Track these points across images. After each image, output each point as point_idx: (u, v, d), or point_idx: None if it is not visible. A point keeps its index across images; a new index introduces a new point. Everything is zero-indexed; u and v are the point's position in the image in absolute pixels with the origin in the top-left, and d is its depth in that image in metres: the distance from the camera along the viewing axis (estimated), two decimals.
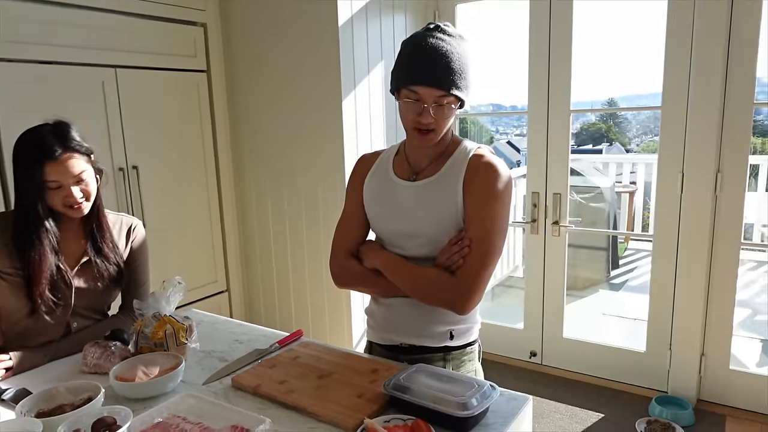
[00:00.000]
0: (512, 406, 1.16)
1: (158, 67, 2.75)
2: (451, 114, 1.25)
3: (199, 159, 3.03)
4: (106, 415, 1.01)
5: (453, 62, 1.19)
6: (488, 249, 1.25)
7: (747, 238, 4.80)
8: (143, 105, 2.70)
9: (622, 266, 5.15)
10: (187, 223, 2.99)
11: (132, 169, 2.68)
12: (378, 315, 1.42)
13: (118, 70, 2.58)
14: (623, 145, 10.35)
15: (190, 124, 2.95)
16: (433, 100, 1.21)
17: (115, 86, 2.57)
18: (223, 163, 3.15)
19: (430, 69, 1.19)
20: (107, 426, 0.98)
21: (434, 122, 1.22)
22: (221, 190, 3.16)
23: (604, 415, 2.78)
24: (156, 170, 2.79)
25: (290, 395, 1.19)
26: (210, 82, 3.03)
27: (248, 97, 3.08)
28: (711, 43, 2.49)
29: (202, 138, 3.02)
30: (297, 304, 3.16)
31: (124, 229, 1.65)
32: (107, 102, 2.55)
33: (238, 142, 3.18)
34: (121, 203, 2.65)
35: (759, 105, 2.52)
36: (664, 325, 2.88)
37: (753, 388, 2.72)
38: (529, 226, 3.18)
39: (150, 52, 2.70)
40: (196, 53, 2.93)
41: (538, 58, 2.97)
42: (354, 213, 1.43)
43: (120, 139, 2.62)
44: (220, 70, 3.07)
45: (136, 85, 2.66)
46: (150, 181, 2.77)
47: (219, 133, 3.10)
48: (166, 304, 1.42)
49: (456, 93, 1.21)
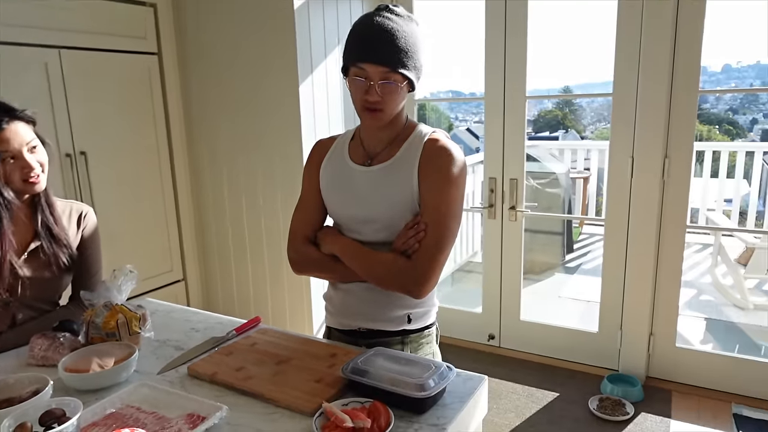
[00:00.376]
0: (468, 386, 1.18)
1: (106, 48, 2.65)
2: (399, 93, 1.24)
3: (152, 144, 2.94)
4: (54, 407, 0.98)
5: (399, 40, 1.20)
6: (443, 233, 1.26)
7: (693, 221, 5.02)
8: (91, 88, 2.60)
9: (577, 250, 5.30)
10: (141, 211, 2.91)
11: (80, 155, 2.58)
12: (336, 300, 1.43)
13: (63, 51, 2.47)
14: (578, 132, 10.61)
15: (142, 108, 2.86)
16: (379, 77, 1.21)
17: (59, 68, 2.47)
18: (177, 150, 3.07)
19: (377, 46, 1.19)
20: (56, 418, 0.96)
21: (381, 101, 1.22)
22: (176, 177, 3.08)
23: (559, 394, 2.87)
24: (106, 156, 2.70)
25: (248, 382, 1.18)
26: (162, 66, 2.94)
27: (202, 81, 3.00)
28: (659, 32, 2.57)
29: (154, 123, 2.94)
30: (256, 292, 3.13)
31: (74, 217, 1.59)
32: (51, 85, 2.45)
33: (192, 127, 3.11)
34: (69, 190, 2.55)
35: (704, 92, 2.62)
36: (615, 307, 2.99)
37: (697, 364, 2.86)
38: (486, 211, 3.23)
39: (97, 32, 2.60)
40: (146, 35, 2.84)
41: (494, 45, 3.00)
42: (311, 198, 1.42)
43: (66, 124, 2.52)
44: (172, 52, 2.98)
45: (82, 67, 2.56)
46: (100, 167, 2.67)
47: (172, 117, 3.02)
48: (118, 293, 1.39)
49: (402, 71, 1.21)
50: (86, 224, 1.61)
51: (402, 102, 1.28)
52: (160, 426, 1.03)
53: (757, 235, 4.32)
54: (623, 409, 2.67)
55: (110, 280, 1.40)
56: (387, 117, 1.27)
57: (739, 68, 10.74)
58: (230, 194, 3.08)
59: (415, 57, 1.23)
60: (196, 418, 1.05)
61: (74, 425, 0.94)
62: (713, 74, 6.13)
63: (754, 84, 9.78)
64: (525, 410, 2.74)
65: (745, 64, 11.14)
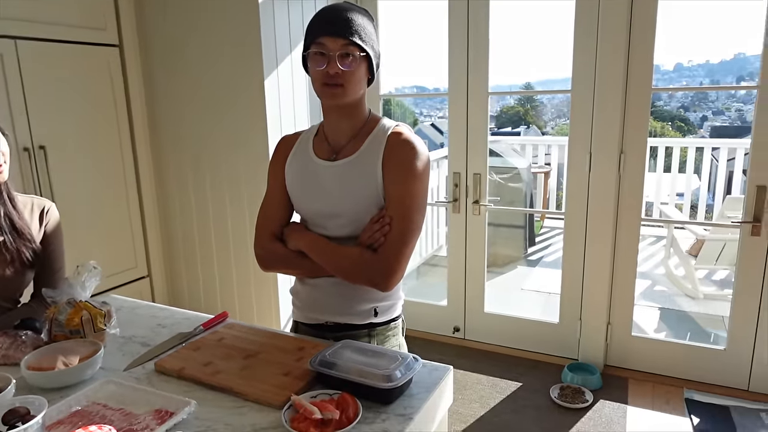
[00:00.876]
0: (434, 376, 1.21)
1: (64, 39, 2.58)
2: (358, 69, 1.25)
3: (114, 139, 2.87)
4: (18, 405, 0.97)
5: (355, 18, 1.24)
6: (408, 226, 1.28)
7: (648, 214, 5.20)
8: (49, 81, 2.53)
9: (539, 243, 5.42)
10: (103, 207, 2.85)
11: (39, 149, 2.51)
12: (303, 295, 1.43)
13: (19, 41, 2.39)
14: (539, 128, 10.82)
15: (103, 101, 2.80)
16: (338, 49, 1.23)
17: (15, 59, 2.39)
18: (140, 144, 3.01)
19: (335, 21, 1.23)
20: (20, 417, 0.94)
21: (341, 75, 1.24)
22: (139, 172, 3.02)
23: (522, 384, 2.94)
24: (66, 151, 2.63)
25: (216, 376, 1.18)
26: (123, 58, 2.87)
27: (166, 74, 2.95)
28: (614, 32, 2.65)
29: (116, 116, 2.87)
30: (222, 288, 3.10)
31: (36, 212, 1.55)
32: (7, 77, 2.37)
33: (155, 121, 3.05)
34: (28, 185, 2.48)
35: (657, 90, 2.72)
36: (574, 298, 3.08)
37: (652, 352, 2.97)
38: (451, 205, 3.28)
39: (54, 23, 2.52)
40: (106, 26, 2.77)
41: (456, 42, 3.04)
42: (276, 194, 1.43)
43: (24, 118, 2.44)
44: (134, 45, 2.92)
45: (39, 58, 2.48)
46: (60, 162, 2.60)
47: (135, 111, 2.95)
48: (82, 290, 1.37)
49: (358, 42, 1.23)
50: (49, 219, 1.58)
51: (361, 83, 1.29)
52: (127, 422, 1.03)
53: (707, 228, 4.51)
54: (583, 397, 2.75)
55: (73, 277, 1.37)
56: (347, 95, 1.27)
57: (690, 67, 11.13)
58: (195, 189, 3.04)
59: (371, 39, 1.27)
60: (164, 413, 1.05)
61: (39, 423, 0.93)
62: (666, 72, 6.35)
63: (704, 82, 10.16)
64: (489, 400, 2.80)
65: (695, 63, 11.56)
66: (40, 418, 0.93)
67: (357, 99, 1.31)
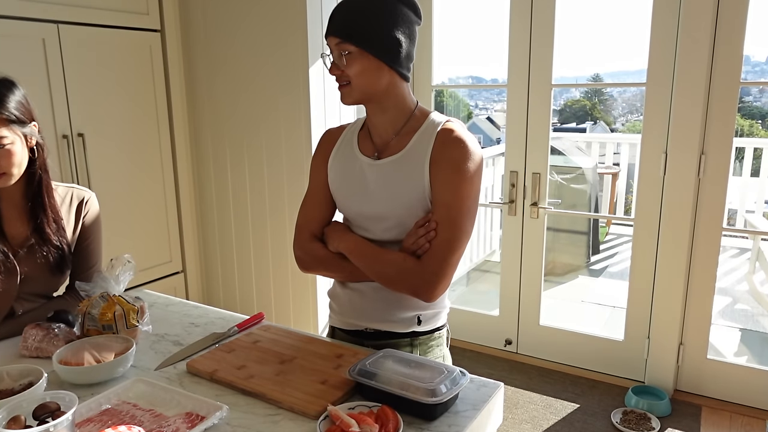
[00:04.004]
0: (483, 393, 1.19)
1: (106, 24, 2.68)
2: (357, 64, 1.24)
3: (153, 128, 2.97)
4: (48, 400, 1.01)
5: (354, 12, 1.24)
6: (455, 233, 1.25)
7: (730, 223, 4.98)
8: (90, 66, 2.64)
9: (603, 251, 5.28)
10: (140, 198, 2.95)
11: (78, 136, 2.62)
12: (342, 299, 1.44)
13: (61, 26, 2.50)
14: (608, 124, 10.52)
15: (143, 88, 2.89)
16: (335, 50, 1.26)
17: (57, 44, 2.50)
18: (179, 134, 3.10)
19: (330, 20, 1.26)
20: (50, 412, 0.98)
21: (344, 74, 1.26)
22: (177, 162, 3.12)
23: (580, 405, 2.87)
24: (105, 139, 2.74)
25: (249, 381, 1.20)
26: (164, 44, 2.96)
27: (207, 61, 3.02)
28: (698, 18, 2.54)
29: (155, 104, 2.97)
30: (259, 288, 3.16)
31: (74, 204, 1.61)
32: (48, 62, 2.48)
33: (195, 110, 3.13)
34: (66, 174, 2.59)
35: (746, 84, 2.60)
36: (643, 314, 2.98)
37: (729, 378, 2.84)
38: (506, 207, 3.23)
39: (97, 7, 2.63)
40: (148, 10, 2.86)
41: (518, 30, 2.99)
42: (318, 192, 1.43)
43: (64, 104, 2.56)
44: (176, 30, 3.01)
45: (81, 43, 2.59)
46: (98, 150, 2.71)
47: (174, 100, 3.05)
48: (116, 284, 1.41)
49: (347, 37, 1.23)
50: (87, 211, 1.63)
51: (372, 77, 1.26)
52: (157, 424, 1.06)
53: None
54: (649, 424, 2.67)
55: (107, 270, 1.42)
56: (356, 92, 1.28)
57: None
58: (234, 183, 3.10)
59: (370, 25, 1.23)
60: (194, 417, 1.07)
61: (69, 420, 0.96)
62: (757, 64, 6.04)
63: None
64: (542, 421, 2.75)
65: None
66: (71, 415, 0.97)
67: (378, 92, 1.29)
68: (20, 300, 1.52)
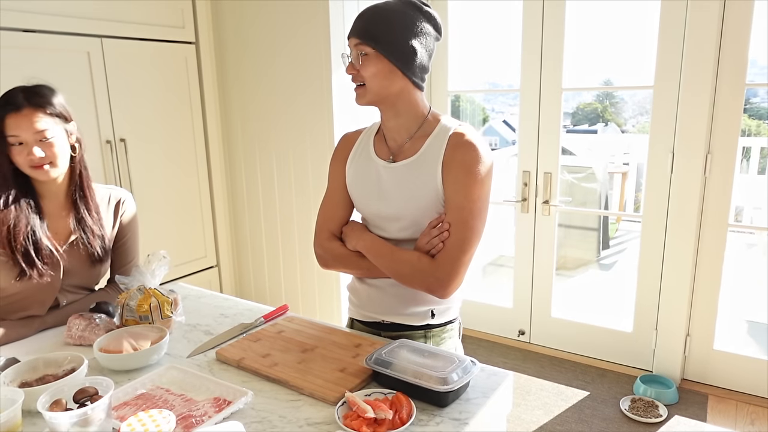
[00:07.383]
0: (493, 381, 1.18)
1: (146, 37, 2.71)
2: (371, 65, 1.23)
3: (188, 132, 3.00)
4: (87, 385, 1.02)
5: (376, 17, 1.23)
6: (467, 234, 1.24)
7: (737, 220, 4.85)
8: (130, 76, 2.68)
9: (613, 247, 5.19)
10: (177, 198, 2.98)
11: (120, 142, 2.66)
12: (361, 293, 1.43)
13: (104, 40, 2.55)
14: (619, 126, 10.32)
15: (179, 96, 2.93)
16: (355, 51, 1.25)
17: (101, 57, 2.54)
18: (213, 138, 3.13)
19: (356, 23, 1.25)
20: (88, 396, 1.00)
21: (358, 74, 1.25)
22: (210, 165, 3.15)
23: (590, 393, 2.83)
24: (144, 143, 2.78)
25: (273, 368, 1.20)
26: (198, 55, 2.99)
27: (238, 69, 3.05)
28: (704, 22, 2.48)
29: (191, 111, 3.00)
30: (287, 282, 3.18)
31: (112, 203, 1.63)
32: (93, 73, 2.52)
33: (227, 115, 3.16)
34: (109, 176, 2.64)
35: (751, 86, 2.52)
36: (651, 306, 2.92)
37: (735, 367, 2.77)
38: (519, 204, 3.19)
39: (137, 22, 2.67)
40: (184, 24, 2.89)
41: (530, 40, 2.95)
42: (337, 193, 1.43)
43: (107, 112, 2.60)
44: (209, 42, 3.04)
45: (122, 56, 2.63)
46: (138, 154, 2.75)
47: (208, 106, 3.08)
48: (151, 278, 1.43)
49: (364, 39, 1.22)
50: (124, 211, 1.65)
51: (385, 79, 1.24)
52: (187, 408, 1.07)
53: None
54: (656, 411, 2.61)
55: (144, 265, 1.44)
56: (370, 94, 1.27)
57: None
58: (263, 183, 3.12)
59: (388, 29, 1.22)
60: (222, 401, 1.08)
61: (106, 404, 0.97)
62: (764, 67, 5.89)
63: None
64: (554, 408, 2.71)
65: None
66: (108, 399, 0.98)
67: (390, 96, 1.27)
68: (63, 291, 1.55)
